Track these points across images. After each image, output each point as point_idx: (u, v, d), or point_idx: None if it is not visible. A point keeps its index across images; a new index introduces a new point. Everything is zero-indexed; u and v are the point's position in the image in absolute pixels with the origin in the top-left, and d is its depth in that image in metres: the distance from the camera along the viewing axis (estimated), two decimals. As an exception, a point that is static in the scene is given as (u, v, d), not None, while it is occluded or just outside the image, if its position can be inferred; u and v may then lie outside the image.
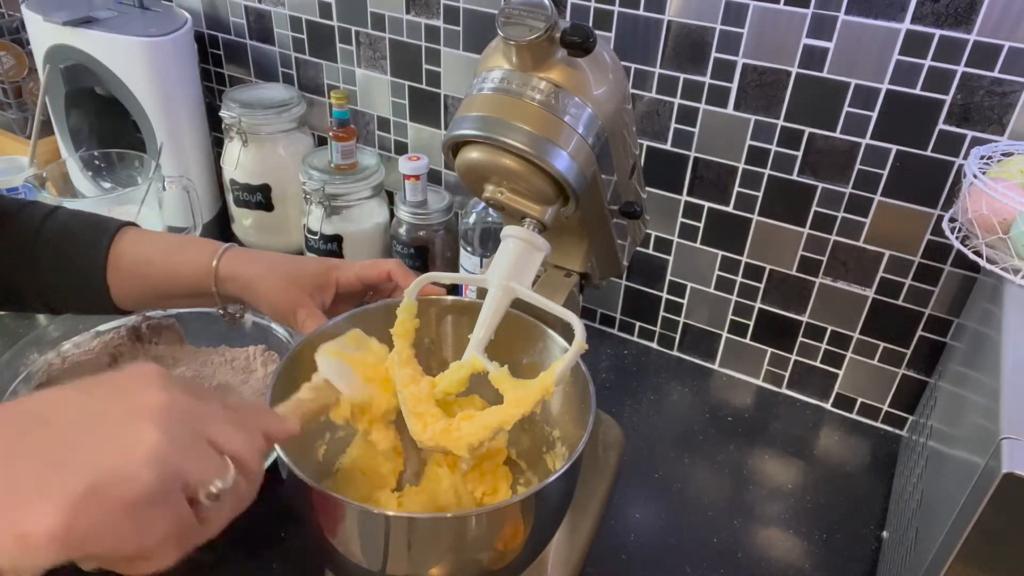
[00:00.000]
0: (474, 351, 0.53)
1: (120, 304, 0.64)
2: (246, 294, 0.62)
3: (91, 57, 0.97)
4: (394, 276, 0.65)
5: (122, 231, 0.63)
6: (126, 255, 0.62)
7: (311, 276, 0.62)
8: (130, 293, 0.63)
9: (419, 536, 0.46)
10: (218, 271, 0.62)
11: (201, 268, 0.62)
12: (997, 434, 0.43)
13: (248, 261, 0.63)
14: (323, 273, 0.64)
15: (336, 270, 0.64)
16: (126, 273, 0.62)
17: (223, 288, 0.63)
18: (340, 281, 0.64)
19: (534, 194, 0.53)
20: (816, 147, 0.76)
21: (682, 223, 0.86)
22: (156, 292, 0.64)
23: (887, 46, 0.68)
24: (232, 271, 0.62)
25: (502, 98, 0.50)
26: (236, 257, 0.63)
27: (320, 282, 0.63)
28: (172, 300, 0.65)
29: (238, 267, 0.62)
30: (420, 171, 0.91)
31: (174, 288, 0.63)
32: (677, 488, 0.76)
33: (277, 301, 0.61)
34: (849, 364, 0.85)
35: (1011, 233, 0.57)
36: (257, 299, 0.62)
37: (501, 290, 0.53)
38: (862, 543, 0.72)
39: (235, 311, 0.68)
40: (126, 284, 0.62)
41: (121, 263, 0.62)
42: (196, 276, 0.62)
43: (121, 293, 0.63)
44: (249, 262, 0.63)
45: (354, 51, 0.99)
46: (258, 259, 0.63)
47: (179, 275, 0.63)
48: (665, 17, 0.76)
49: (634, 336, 0.98)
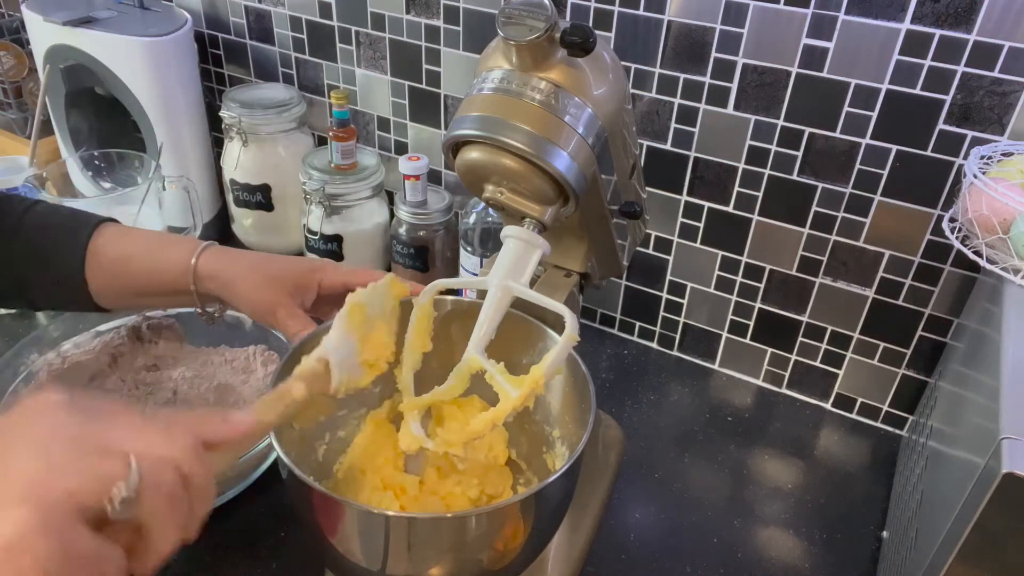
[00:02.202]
0: (473, 351, 0.53)
1: (99, 301, 0.63)
2: (225, 293, 0.62)
3: (91, 57, 0.97)
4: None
5: (102, 226, 0.62)
6: (106, 250, 0.61)
7: (292, 276, 0.62)
8: (109, 289, 0.62)
9: (419, 536, 0.46)
10: (197, 269, 0.61)
11: (180, 265, 0.61)
12: (997, 434, 0.43)
13: (228, 260, 0.62)
14: (304, 274, 0.63)
15: (319, 272, 0.64)
16: (105, 269, 0.61)
17: (202, 286, 0.62)
18: (323, 283, 0.63)
19: (534, 194, 0.53)
20: (816, 147, 0.76)
21: (682, 223, 0.86)
22: (135, 289, 0.63)
23: (887, 46, 0.68)
24: (211, 269, 0.61)
25: (502, 98, 0.50)
26: (216, 255, 0.62)
27: (301, 282, 0.62)
28: (151, 298, 0.64)
29: (217, 265, 0.61)
30: (420, 171, 0.91)
31: (153, 286, 0.62)
32: (677, 488, 0.76)
33: (256, 300, 0.60)
34: (849, 364, 0.85)
35: (1011, 233, 0.57)
36: (236, 298, 0.61)
37: (501, 291, 0.53)
38: (862, 543, 0.72)
39: (214, 310, 0.67)
40: (105, 280, 0.61)
41: (100, 259, 0.61)
42: (175, 273, 0.61)
43: (100, 289, 0.62)
44: (229, 261, 0.62)
45: (354, 51, 0.99)
46: (238, 258, 0.62)
47: (158, 272, 0.62)
48: (665, 17, 0.76)
49: (634, 336, 0.98)
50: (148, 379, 0.74)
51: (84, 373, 0.73)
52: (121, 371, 0.75)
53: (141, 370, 0.75)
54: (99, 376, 0.74)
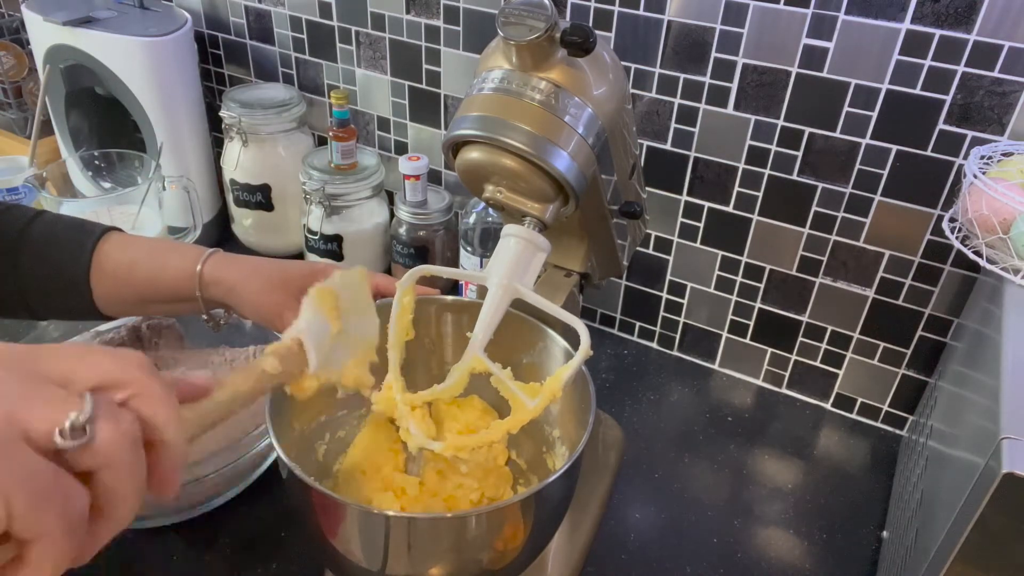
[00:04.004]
0: (476, 351, 0.53)
1: (104, 309, 0.63)
2: (230, 298, 0.62)
3: (91, 57, 0.97)
4: (384, 291, 0.63)
5: (107, 235, 0.62)
6: (111, 258, 0.61)
7: (296, 279, 0.61)
8: (114, 297, 0.62)
9: (419, 536, 0.46)
10: (203, 275, 0.61)
11: (186, 272, 0.61)
12: (997, 434, 0.43)
13: (233, 265, 0.62)
14: (307, 277, 0.62)
15: (322, 275, 0.62)
16: (111, 277, 0.61)
17: (207, 292, 0.62)
18: None
19: (534, 194, 0.53)
20: (816, 147, 0.76)
21: (682, 223, 0.86)
22: (140, 296, 0.63)
23: (887, 46, 0.68)
24: (216, 275, 0.61)
25: (502, 98, 0.50)
26: (221, 261, 0.62)
27: (305, 285, 0.60)
28: (156, 305, 0.64)
29: (222, 271, 0.61)
30: (420, 171, 0.91)
31: (158, 292, 0.62)
32: (677, 488, 0.76)
33: (262, 305, 0.61)
34: (849, 364, 0.85)
35: (1011, 233, 0.57)
36: (242, 303, 0.61)
37: (503, 290, 0.53)
38: (862, 543, 0.72)
39: (219, 317, 0.68)
40: (110, 288, 0.62)
41: (106, 266, 0.61)
42: (180, 280, 0.62)
43: (105, 297, 0.62)
44: (233, 266, 0.62)
45: (354, 51, 0.99)
46: (242, 263, 0.63)
47: (163, 279, 0.62)
48: (665, 17, 0.76)
49: (634, 336, 0.98)
50: (148, 379, 0.74)
51: (84, 373, 0.73)
52: (121, 371, 0.75)
53: (141, 370, 0.75)
54: (99, 376, 0.74)
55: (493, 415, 0.63)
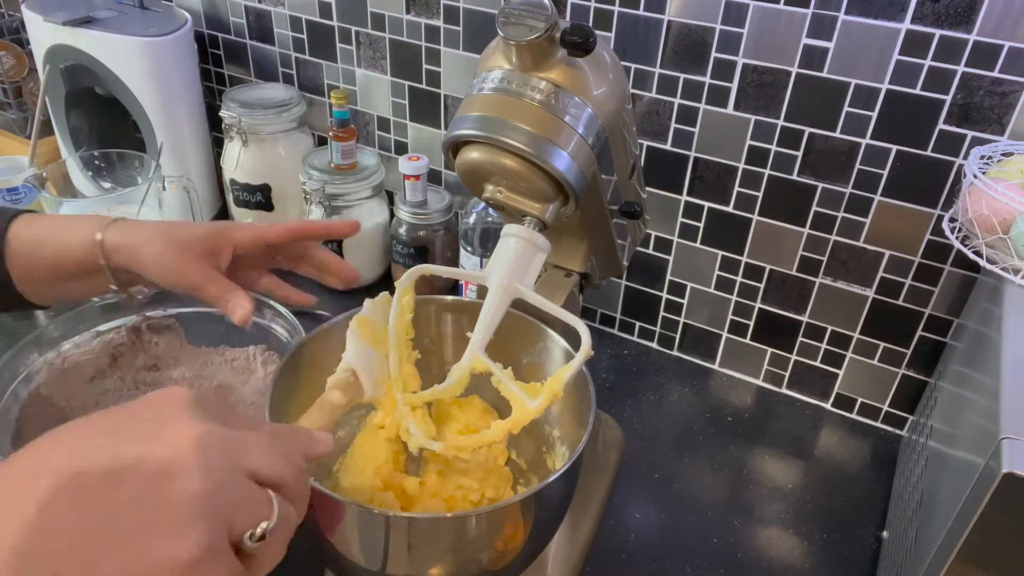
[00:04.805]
0: (476, 351, 0.53)
1: (25, 295, 0.61)
2: (134, 263, 0.60)
3: (91, 57, 0.97)
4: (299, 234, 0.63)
5: (18, 217, 0.61)
6: (19, 238, 0.60)
7: (200, 239, 0.60)
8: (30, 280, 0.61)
9: (419, 536, 0.46)
10: (104, 242, 0.59)
11: (88, 241, 0.59)
12: (997, 434, 0.43)
13: (135, 228, 0.60)
14: (212, 235, 0.61)
15: (231, 231, 0.62)
16: (23, 258, 0.60)
17: (112, 260, 0.60)
18: (237, 242, 0.62)
19: (534, 194, 0.53)
20: (816, 147, 0.76)
21: (682, 223, 0.86)
22: (53, 274, 0.61)
23: (887, 46, 0.68)
24: (118, 240, 0.59)
25: (502, 98, 0.50)
26: (122, 227, 0.60)
27: (211, 245, 0.60)
28: (71, 284, 0.62)
29: (124, 236, 0.60)
30: (420, 171, 0.91)
31: (66, 267, 0.61)
32: (677, 488, 0.76)
33: (166, 267, 0.59)
34: (849, 364, 0.85)
35: (1011, 233, 0.57)
36: (146, 267, 0.59)
37: (503, 290, 0.53)
38: (862, 543, 0.72)
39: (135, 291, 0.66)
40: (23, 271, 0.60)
41: (17, 248, 0.60)
42: (84, 251, 0.60)
43: (22, 281, 0.60)
44: (136, 229, 0.60)
45: (354, 51, 0.99)
46: (144, 227, 0.61)
47: (69, 253, 0.60)
48: (665, 17, 0.76)
49: (634, 336, 0.98)
50: (148, 379, 0.74)
51: (84, 373, 0.73)
52: (121, 371, 0.75)
53: (141, 370, 0.75)
54: (99, 376, 0.74)
55: (493, 415, 0.63)
